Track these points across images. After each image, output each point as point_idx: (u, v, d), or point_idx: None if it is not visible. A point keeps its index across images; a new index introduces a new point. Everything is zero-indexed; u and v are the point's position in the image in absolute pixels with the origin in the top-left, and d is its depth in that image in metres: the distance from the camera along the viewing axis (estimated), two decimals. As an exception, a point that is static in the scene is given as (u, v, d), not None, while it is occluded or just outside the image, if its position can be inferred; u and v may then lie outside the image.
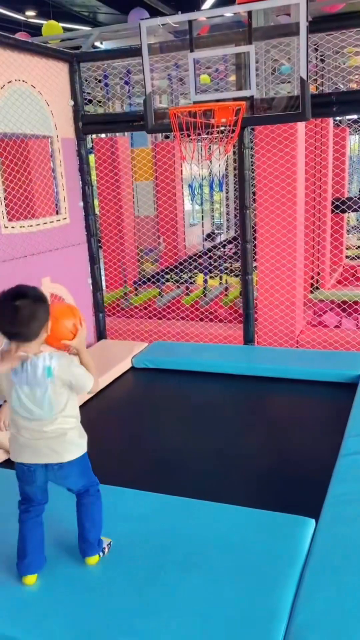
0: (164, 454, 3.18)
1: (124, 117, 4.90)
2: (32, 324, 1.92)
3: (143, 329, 5.37)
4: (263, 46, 4.38)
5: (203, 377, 4.27)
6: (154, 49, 4.32)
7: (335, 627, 1.77)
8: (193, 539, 2.25)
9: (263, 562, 2.10)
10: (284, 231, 4.66)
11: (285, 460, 3.05)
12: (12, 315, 1.88)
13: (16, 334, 1.93)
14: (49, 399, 1.98)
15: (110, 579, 2.07)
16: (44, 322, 1.97)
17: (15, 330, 1.92)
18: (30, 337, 1.95)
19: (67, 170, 4.60)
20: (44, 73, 4.27)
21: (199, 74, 4.74)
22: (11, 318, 1.89)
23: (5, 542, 2.24)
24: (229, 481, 2.87)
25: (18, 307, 1.87)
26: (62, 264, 4.54)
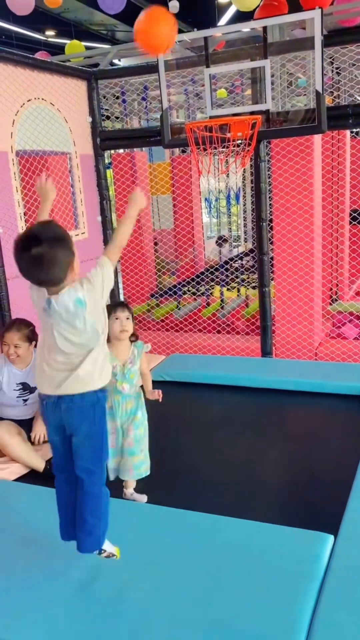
0: (181, 468, 3.17)
1: (141, 132, 4.97)
2: (54, 270, 1.82)
3: (160, 341, 5.38)
4: (278, 60, 4.41)
5: (221, 390, 4.25)
6: (171, 65, 4.39)
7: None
8: (209, 555, 2.24)
9: (281, 578, 2.07)
10: (301, 243, 4.66)
11: (303, 474, 3.02)
12: (31, 265, 1.79)
13: (41, 282, 1.87)
14: (91, 325, 1.92)
15: (124, 594, 2.06)
16: (68, 265, 1.85)
17: (39, 279, 1.85)
18: (57, 282, 1.86)
19: (86, 185, 4.67)
20: (62, 91, 4.36)
21: (215, 89, 4.79)
22: (31, 269, 1.81)
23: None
24: (247, 496, 2.84)
25: (35, 256, 1.76)
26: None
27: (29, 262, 1.79)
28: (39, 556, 2.30)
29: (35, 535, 2.45)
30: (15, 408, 3.31)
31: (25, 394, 3.30)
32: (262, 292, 4.65)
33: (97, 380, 1.99)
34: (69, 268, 1.87)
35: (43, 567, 2.23)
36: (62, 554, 2.30)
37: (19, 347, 3.18)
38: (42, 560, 2.28)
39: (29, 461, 3.13)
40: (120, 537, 2.37)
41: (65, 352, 1.94)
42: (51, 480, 3.08)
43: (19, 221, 3.91)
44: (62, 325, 1.91)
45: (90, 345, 1.96)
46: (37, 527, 2.52)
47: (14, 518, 2.60)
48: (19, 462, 3.14)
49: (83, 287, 1.90)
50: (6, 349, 3.19)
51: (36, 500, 2.75)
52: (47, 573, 2.20)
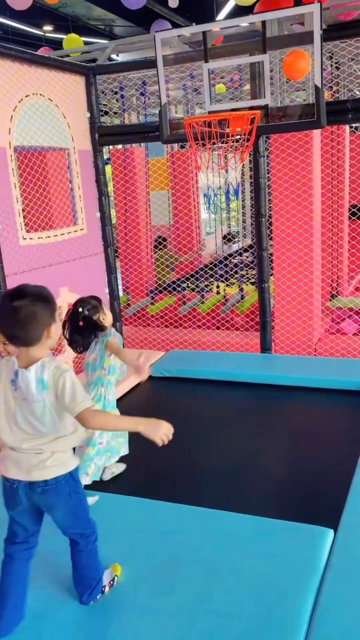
0: (181, 463, 3.17)
1: (140, 128, 4.95)
2: (30, 327, 1.74)
3: (159, 337, 5.38)
4: (277, 55, 4.40)
5: (220, 386, 4.26)
6: (169, 60, 4.36)
7: (355, 636, 1.75)
8: (210, 549, 2.24)
9: (281, 572, 2.08)
10: (300, 239, 4.65)
11: (303, 469, 3.02)
12: (9, 316, 1.73)
13: (13, 336, 1.77)
14: (50, 413, 1.79)
15: (127, 586, 2.06)
16: (46, 325, 1.77)
17: (12, 333, 1.76)
18: (29, 342, 1.77)
19: (84, 181, 4.65)
20: (60, 86, 4.34)
21: (214, 84, 4.77)
22: (7, 319, 1.74)
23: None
24: (247, 490, 2.85)
25: (15, 307, 1.72)
26: (80, 274, 4.58)
27: (7, 312, 1.73)
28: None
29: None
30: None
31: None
32: (261, 288, 4.64)
33: (70, 462, 1.89)
34: (45, 330, 1.77)
35: (38, 561, 2.24)
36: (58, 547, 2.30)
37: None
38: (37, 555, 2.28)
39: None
40: (121, 532, 2.38)
41: (30, 435, 1.82)
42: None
43: (17, 217, 3.90)
44: (23, 405, 1.79)
45: (56, 435, 1.82)
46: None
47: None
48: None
49: (51, 371, 1.77)
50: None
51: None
52: (41, 567, 2.20)
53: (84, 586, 1.99)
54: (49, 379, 1.77)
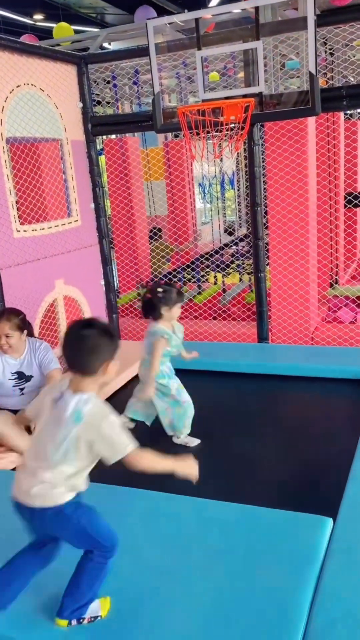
0: (179, 454, 3.17)
1: (133, 117, 4.90)
2: (91, 357, 1.80)
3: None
4: (271, 42, 4.35)
5: (217, 377, 4.25)
6: (162, 48, 4.31)
7: (355, 625, 1.75)
8: (211, 539, 2.25)
9: (281, 561, 2.08)
10: (296, 227, 4.63)
11: (301, 458, 3.03)
12: (73, 342, 1.83)
13: (73, 363, 1.84)
14: (68, 447, 1.77)
15: (128, 575, 2.07)
16: (104, 359, 1.82)
17: (72, 358, 1.84)
18: (85, 371, 1.82)
19: (78, 172, 4.61)
20: (52, 76, 4.29)
21: (207, 72, 4.72)
22: (73, 344, 1.83)
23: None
24: (246, 480, 2.85)
25: (83, 335, 1.82)
26: (75, 266, 4.55)
27: (75, 338, 1.83)
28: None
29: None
30: (12, 398, 3.30)
31: (21, 382, 3.28)
32: (257, 277, 4.63)
33: (58, 498, 1.83)
34: (104, 364, 1.83)
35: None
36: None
37: (10, 336, 3.16)
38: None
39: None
40: (120, 523, 2.38)
41: (39, 455, 1.83)
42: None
43: (10, 210, 3.86)
44: (52, 425, 1.81)
45: (55, 467, 1.80)
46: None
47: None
48: (16, 451, 3.13)
49: (91, 409, 1.78)
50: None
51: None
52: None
53: (71, 599, 1.87)
54: (86, 416, 1.77)
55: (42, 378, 3.32)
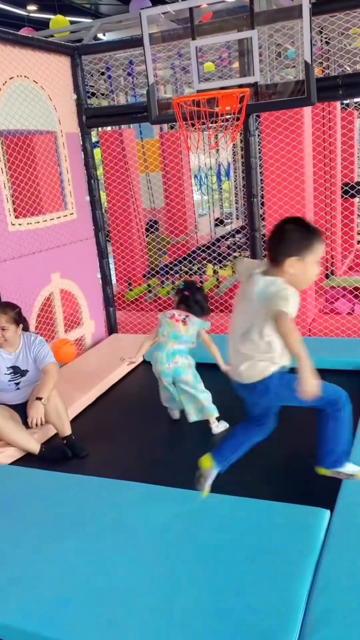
0: (175, 448, 3.18)
1: (128, 108, 4.86)
2: (278, 246, 2.05)
3: (154, 322, 5.35)
4: (266, 31, 4.32)
5: (214, 369, 4.24)
6: (156, 38, 4.27)
7: (351, 617, 1.76)
8: (209, 532, 2.25)
9: (279, 553, 2.09)
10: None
11: (299, 451, 3.02)
12: (273, 232, 2.09)
13: (267, 249, 2.13)
14: (252, 321, 2.14)
15: (123, 571, 2.07)
16: (291, 252, 2.02)
17: (267, 245, 2.13)
18: (274, 258, 2.07)
19: (73, 164, 4.58)
20: (45, 68, 4.25)
21: (202, 62, 4.69)
22: (271, 234, 2.10)
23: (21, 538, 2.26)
24: (243, 473, 2.85)
25: (279, 226, 2.08)
26: (71, 259, 4.53)
27: (274, 229, 2.08)
28: (36, 538, 2.31)
29: (32, 517, 2.46)
30: (8, 393, 3.29)
31: (16, 377, 3.27)
32: (254, 269, 4.61)
33: (265, 370, 2.13)
34: (289, 256, 2.02)
35: (39, 548, 2.24)
36: (59, 534, 2.31)
37: (6, 329, 3.15)
38: (38, 541, 2.28)
39: (24, 444, 3.12)
40: (117, 516, 2.39)
41: (236, 332, 2.12)
42: (46, 463, 3.09)
43: (5, 203, 3.84)
44: (246, 303, 2.10)
45: (254, 344, 2.09)
46: (33, 509, 2.52)
47: (10, 501, 2.60)
48: (13, 445, 3.13)
49: (276, 287, 2.01)
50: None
51: (32, 482, 2.75)
52: (43, 553, 2.20)
53: (324, 450, 2.24)
54: (270, 293, 2.01)
55: (37, 372, 3.31)
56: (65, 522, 2.39)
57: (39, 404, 3.10)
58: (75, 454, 3.15)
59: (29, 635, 1.87)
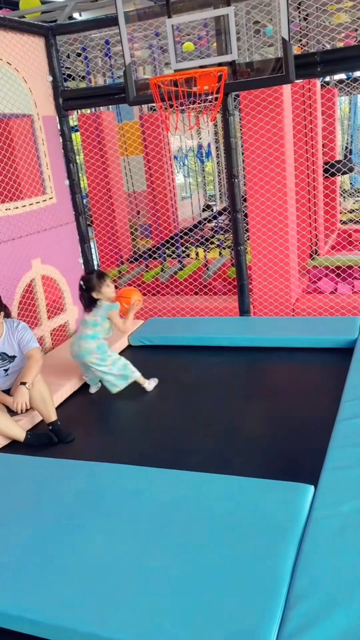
0: (164, 429, 3.19)
1: (105, 90, 4.77)
2: None
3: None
4: (243, 7, 4.25)
5: (200, 351, 4.26)
6: (132, 17, 4.19)
7: (334, 590, 1.79)
8: (193, 509, 2.27)
9: (263, 529, 2.11)
10: (274, 198, 4.59)
11: (283, 428, 3.06)
12: None
13: None
14: None
15: (112, 547, 2.08)
16: None
17: None
18: None
19: (51, 148, 4.52)
20: (19, 49, 4.16)
21: (180, 42, 4.62)
22: None
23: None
24: (229, 452, 2.87)
25: None
26: (52, 244, 4.49)
27: None
28: (26, 524, 2.31)
29: (20, 503, 2.46)
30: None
31: (5, 363, 3.26)
32: (237, 250, 4.60)
33: None
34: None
35: (29, 535, 2.25)
36: (47, 520, 2.31)
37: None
38: (28, 528, 2.29)
39: (8, 432, 3.11)
40: (104, 497, 2.40)
41: None
42: (33, 450, 3.09)
43: (-18, 189, 3.78)
44: None
45: None
46: (21, 495, 2.52)
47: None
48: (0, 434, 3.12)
49: None
50: None
51: (19, 469, 2.75)
52: (33, 540, 2.21)
53: None
54: None
55: (23, 357, 3.29)
56: (56, 507, 2.40)
57: (24, 389, 3.10)
58: (61, 440, 3.15)
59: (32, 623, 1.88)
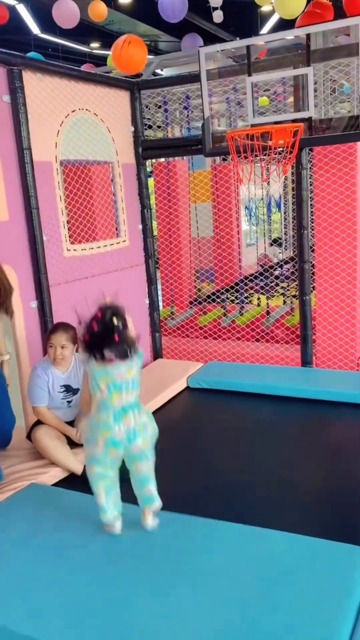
0: (217, 478, 3.15)
1: (182, 141, 5.00)
2: None
3: (198, 348, 5.38)
4: (322, 67, 4.37)
5: (259, 399, 4.22)
6: (213, 74, 4.40)
7: None
8: (244, 566, 2.21)
9: (319, 592, 2.03)
10: (343, 251, 4.58)
11: (342, 487, 2.95)
12: None
13: None
14: None
15: (158, 604, 2.06)
16: None
17: None
18: None
19: (127, 194, 4.73)
20: (106, 101, 4.44)
21: (257, 97, 4.78)
22: None
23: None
24: (284, 507, 2.80)
25: None
26: (121, 284, 4.64)
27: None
28: (73, 560, 2.33)
29: (70, 540, 2.48)
30: (61, 410, 3.38)
31: (68, 395, 3.36)
32: (302, 300, 4.59)
33: None
34: None
35: (77, 572, 2.26)
36: (97, 560, 2.32)
37: (65, 347, 3.26)
38: (77, 564, 2.30)
39: (67, 464, 3.18)
40: (153, 548, 2.38)
41: None
42: (88, 485, 3.11)
43: (62, 229, 4.00)
44: None
45: None
46: (71, 532, 2.54)
47: (49, 522, 2.64)
48: (57, 465, 3.19)
49: None
50: (52, 350, 3.25)
51: (72, 505, 2.77)
52: (81, 577, 2.22)
53: None
54: None
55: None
56: (100, 547, 2.41)
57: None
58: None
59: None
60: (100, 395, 2.35)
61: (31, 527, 2.57)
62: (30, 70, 3.71)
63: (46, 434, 3.23)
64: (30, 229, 3.73)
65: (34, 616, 2.02)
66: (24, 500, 2.83)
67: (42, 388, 3.26)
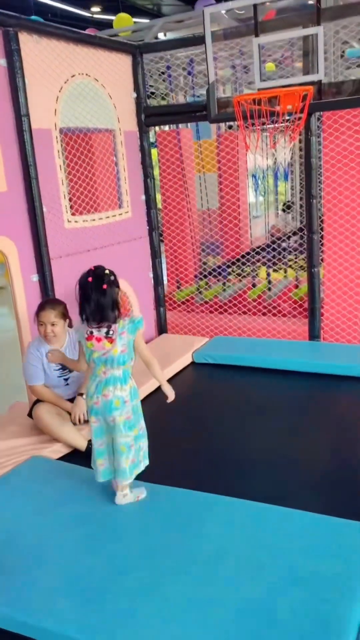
0: (223, 453, 3.10)
1: (187, 107, 4.82)
2: None
3: (204, 323, 5.30)
4: (332, 27, 4.17)
5: (265, 374, 4.15)
6: (218, 36, 4.22)
7: None
8: (253, 544, 2.17)
9: (331, 570, 1.99)
10: (353, 221, 4.44)
11: (349, 461, 2.90)
12: None
13: None
14: None
15: (160, 580, 2.02)
16: None
17: None
18: None
19: (130, 163, 4.59)
20: (106, 66, 4.27)
21: (264, 61, 4.59)
22: None
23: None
24: (291, 483, 2.75)
25: None
26: (124, 257, 4.54)
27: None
28: (80, 536, 2.29)
29: (76, 515, 2.45)
30: (58, 388, 3.31)
31: (65, 373, 3.29)
32: (311, 273, 4.48)
33: None
34: None
35: (81, 548, 2.22)
36: (101, 535, 2.28)
37: (55, 324, 3.17)
38: (82, 540, 2.27)
39: (70, 440, 3.13)
40: (161, 523, 2.34)
41: None
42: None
43: (62, 200, 3.88)
44: None
45: None
46: (76, 506, 2.51)
47: (54, 497, 2.61)
48: (60, 441, 3.14)
49: None
50: (42, 328, 3.17)
51: (77, 479, 2.74)
52: (85, 554, 2.18)
53: None
54: None
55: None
56: (108, 522, 2.37)
57: (81, 400, 3.12)
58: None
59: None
60: (90, 366, 2.56)
61: (31, 501, 2.55)
62: (27, 32, 3.54)
63: (47, 411, 3.17)
64: (29, 200, 3.61)
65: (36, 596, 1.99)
66: (25, 473, 2.80)
67: (36, 366, 3.19)
